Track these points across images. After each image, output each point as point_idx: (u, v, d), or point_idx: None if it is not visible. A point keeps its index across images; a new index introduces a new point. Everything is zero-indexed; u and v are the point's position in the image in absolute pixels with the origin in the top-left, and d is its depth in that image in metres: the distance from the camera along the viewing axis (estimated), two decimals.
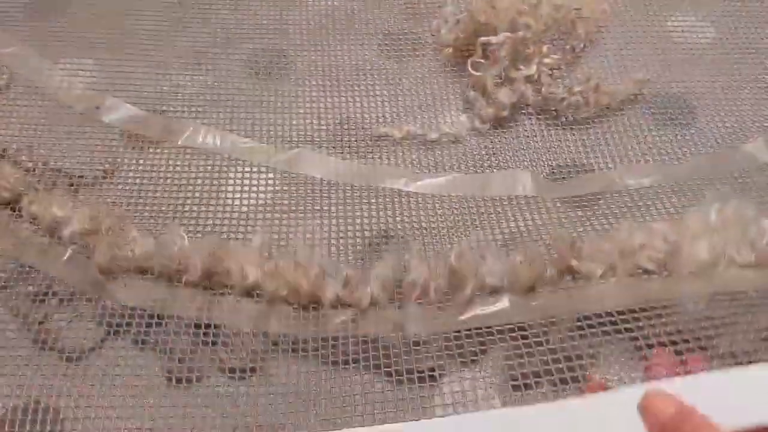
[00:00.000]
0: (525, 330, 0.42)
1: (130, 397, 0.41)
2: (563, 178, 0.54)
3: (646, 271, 0.44)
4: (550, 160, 0.55)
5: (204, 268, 0.44)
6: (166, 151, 0.55)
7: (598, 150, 0.56)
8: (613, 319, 0.42)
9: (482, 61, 0.58)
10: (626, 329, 0.42)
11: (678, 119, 0.58)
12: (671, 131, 0.57)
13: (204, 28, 0.65)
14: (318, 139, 0.56)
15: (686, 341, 0.41)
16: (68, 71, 0.60)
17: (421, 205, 0.52)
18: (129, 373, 0.43)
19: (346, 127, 0.57)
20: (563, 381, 0.40)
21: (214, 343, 0.43)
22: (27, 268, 0.47)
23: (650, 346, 0.41)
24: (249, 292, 0.45)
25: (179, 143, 0.56)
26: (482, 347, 0.42)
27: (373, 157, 0.55)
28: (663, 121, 0.58)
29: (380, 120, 0.58)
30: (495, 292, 0.44)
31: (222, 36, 0.64)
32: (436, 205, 0.52)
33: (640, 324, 0.42)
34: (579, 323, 0.42)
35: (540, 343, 0.42)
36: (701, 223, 0.45)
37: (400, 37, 0.65)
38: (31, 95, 0.58)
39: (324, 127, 0.57)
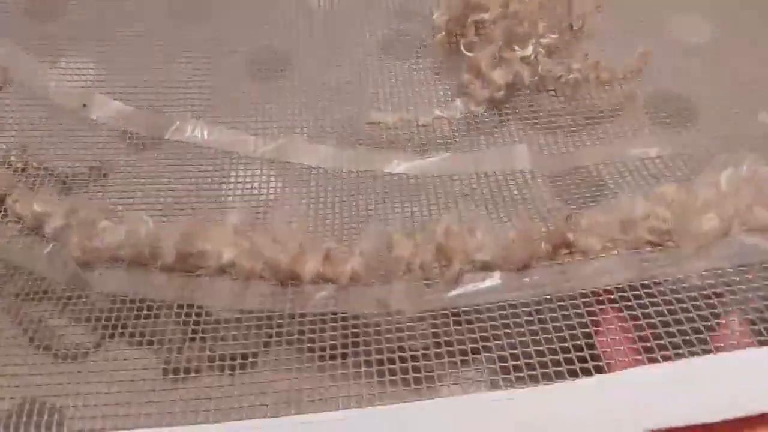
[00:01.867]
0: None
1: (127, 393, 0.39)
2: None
3: (650, 243, 0.41)
4: (548, 140, 0.53)
5: (177, 250, 0.43)
6: (155, 146, 0.54)
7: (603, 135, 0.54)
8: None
9: (475, 41, 0.56)
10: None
11: (678, 119, 0.55)
12: (671, 131, 0.55)
13: (203, 27, 0.64)
14: (308, 127, 0.55)
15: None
16: (64, 70, 0.60)
17: (414, 186, 0.50)
18: (127, 369, 0.41)
19: (339, 113, 0.56)
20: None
21: (203, 335, 0.41)
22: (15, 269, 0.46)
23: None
24: (225, 271, 0.43)
25: (166, 137, 0.54)
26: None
27: (365, 144, 0.54)
28: (662, 120, 0.55)
29: (373, 106, 0.56)
30: (485, 268, 0.41)
31: (221, 35, 0.64)
32: (428, 186, 0.50)
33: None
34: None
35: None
36: (711, 187, 0.41)
37: (395, 24, 0.63)
38: (24, 95, 0.58)
39: (313, 115, 0.56)
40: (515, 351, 0.37)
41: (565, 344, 0.37)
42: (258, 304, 0.41)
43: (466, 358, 0.38)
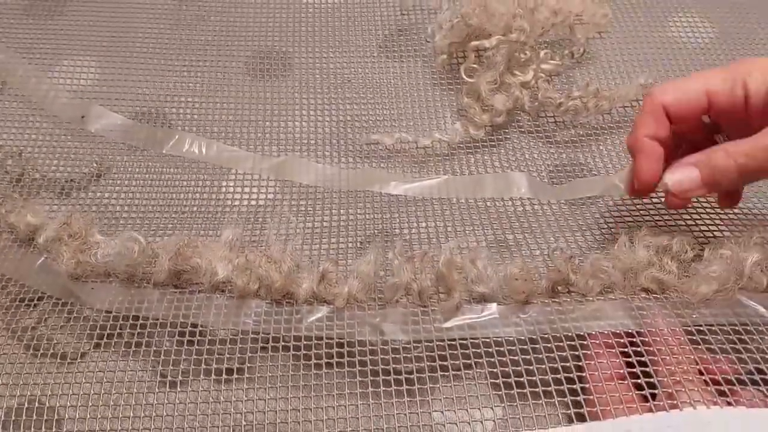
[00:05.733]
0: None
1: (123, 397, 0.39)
2: (560, 183, 0.51)
3: (648, 291, 0.41)
4: (546, 168, 0.53)
5: (171, 266, 0.42)
6: (152, 158, 0.54)
7: (598, 157, 0.53)
8: None
9: (476, 66, 0.56)
10: None
11: None
12: None
13: (202, 29, 0.65)
14: (308, 145, 0.55)
15: None
16: (64, 74, 0.60)
17: (412, 208, 0.50)
18: (121, 375, 0.41)
19: (336, 133, 0.56)
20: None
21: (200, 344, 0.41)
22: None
23: None
24: (220, 288, 0.42)
25: (164, 152, 0.54)
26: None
27: (363, 164, 0.54)
28: None
29: (373, 127, 0.56)
30: (484, 300, 0.41)
31: (221, 37, 0.64)
32: (427, 208, 0.50)
33: None
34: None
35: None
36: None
37: (396, 44, 0.63)
38: (20, 102, 0.58)
39: (314, 134, 0.56)
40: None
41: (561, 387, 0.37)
42: (252, 324, 0.40)
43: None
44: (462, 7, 0.57)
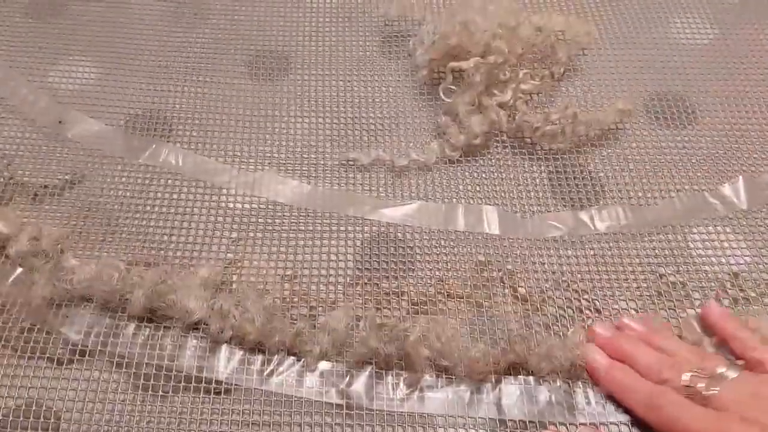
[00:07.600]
0: None
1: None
2: (532, 213, 0.52)
3: None
4: (526, 188, 0.53)
5: (146, 303, 0.43)
6: (128, 167, 0.54)
7: (579, 180, 0.54)
8: None
9: (453, 87, 0.56)
10: None
11: (678, 119, 0.57)
12: (671, 132, 0.56)
13: (202, 29, 0.65)
14: (285, 161, 0.55)
15: None
16: (64, 74, 0.60)
17: (383, 236, 0.50)
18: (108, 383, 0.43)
19: (315, 149, 0.56)
20: None
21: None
22: None
23: None
24: (194, 327, 0.44)
25: (140, 161, 0.54)
26: None
27: (339, 183, 0.54)
28: (662, 121, 0.57)
29: (350, 144, 0.56)
30: (446, 373, 0.43)
31: (221, 37, 0.64)
32: (399, 236, 0.50)
33: None
34: None
35: None
36: None
37: (375, 59, 0.62)
38: None
39: (291, 150, 0.56)
40: None
41: None
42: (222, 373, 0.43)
43: None
44: (442, 24, 0.56)
